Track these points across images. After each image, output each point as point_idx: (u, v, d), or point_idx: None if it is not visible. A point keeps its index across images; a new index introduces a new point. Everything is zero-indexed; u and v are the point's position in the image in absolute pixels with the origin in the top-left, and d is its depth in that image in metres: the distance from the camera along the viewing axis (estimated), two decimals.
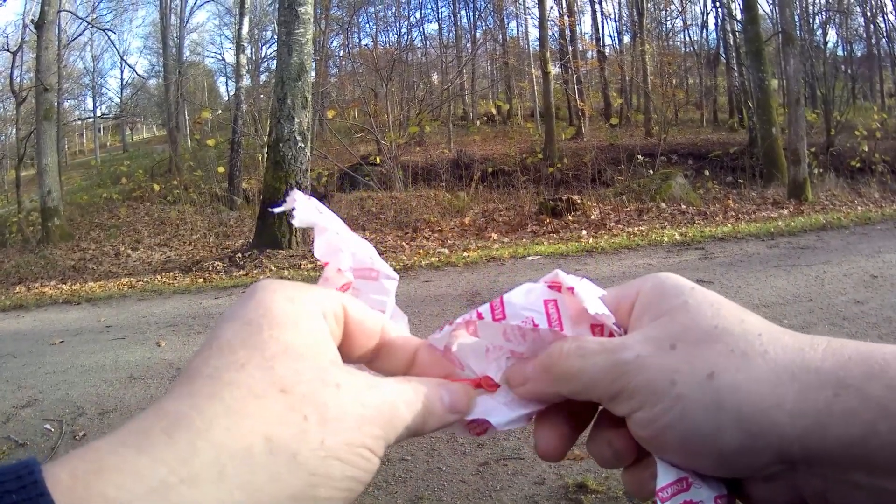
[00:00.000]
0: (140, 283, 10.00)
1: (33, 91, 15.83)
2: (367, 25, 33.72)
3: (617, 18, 32.65)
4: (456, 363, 0.50)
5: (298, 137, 10.24)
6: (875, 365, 0.37)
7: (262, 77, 28.28)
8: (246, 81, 18.50)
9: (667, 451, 0.42)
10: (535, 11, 24.04)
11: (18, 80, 18.94)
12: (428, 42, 34.23)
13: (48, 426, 4.18)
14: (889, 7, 22.59)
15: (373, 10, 31.88)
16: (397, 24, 34.02)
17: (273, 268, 9.77)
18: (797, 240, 7.93)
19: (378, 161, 16.63)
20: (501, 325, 0.49)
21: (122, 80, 39.49)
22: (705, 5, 30.62)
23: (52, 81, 15.32)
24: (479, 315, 0.49)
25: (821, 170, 13.58)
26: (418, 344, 0.49)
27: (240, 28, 17.36)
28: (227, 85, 40.19)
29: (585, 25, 34.20)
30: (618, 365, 0.42)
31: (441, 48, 32.55)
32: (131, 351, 5.75)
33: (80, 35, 27.05)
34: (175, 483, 0.30)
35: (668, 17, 30.53)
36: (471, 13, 33.18)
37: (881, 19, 22.87)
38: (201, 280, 9.58)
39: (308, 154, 10.64)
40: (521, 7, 30.42)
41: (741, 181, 13.78)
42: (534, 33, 37.16)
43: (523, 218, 11.88)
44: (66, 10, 19.19)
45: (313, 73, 15.89)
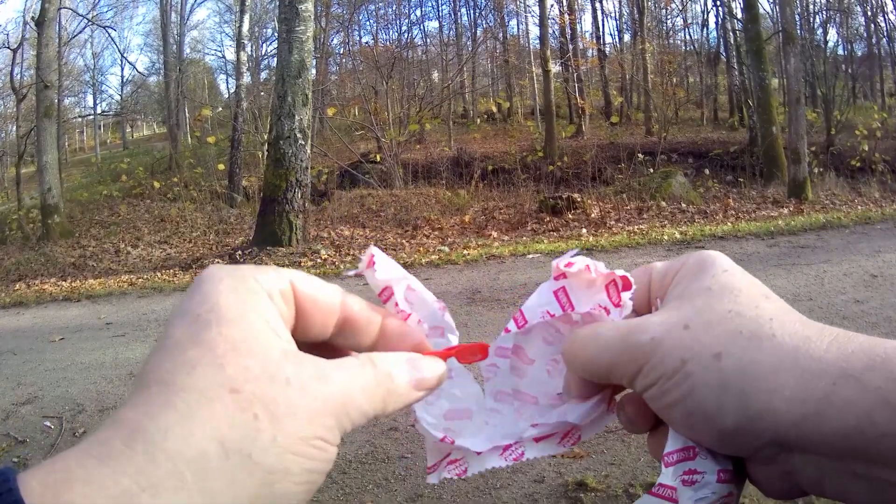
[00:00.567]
0: (140, 280, 9.99)
1: (34, 88, 15.82)
2: (367, 23, 33.64)
3: (617, 16, 32.63)
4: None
5: (299, 135, 10.23)
6: (876, 357, 0.37)
7: (263, 74, 28.34)
8: (246, 79, 18.46)
9: (673, 425, 0.45)
10: (536, 9, 24.10)
11: (19, 77, 18.97)
12: (428, 40, 34.18)
13: (48, 423, 4.18)
14: (889, 6, 22.60)
15: (373, 7, 31.77)
16: (398, 22, 33.98)
17: (274, 265, 9.75)
18: (797, 239, 7.92)
19: (378, 159, 16.62)
20: (539, 334, 0.53)
21: (122, 77, 39.47)
22: (706, 4, 30.61)
23: (53, 79, 15.29)
24: (506, 330, 0.52)
25: (821, 169, 13.57)
26: (384, 315, 0.47)
27: (240, 25, 17.35)
28: (227, 82, 40.15)
29: (586, 23, 34.13)
30: (633, 347, 0.44)
31: (441, 46, 32.53)
32: (131, 348, 5.75)
33: (80, 32, 27.04)
34: (137, 492, 0.31)
35: (669, 16, 30.48)
36: (471, 11, 33.19)
37: (882, 18, 22.85)
38: None
39: (308, 151, 10.63)
40: (522, 5, 30.45)
41: (741, 180, 13.78)
42: (534, 31, 37.12)
43: (523, 216, 11.88)
44: (67, 8, 19.19)
45: (314, 71, 15.89)
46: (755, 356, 0.40)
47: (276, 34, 12.75)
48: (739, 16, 17.68)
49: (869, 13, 23.18)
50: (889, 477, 0.36)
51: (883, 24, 22.89)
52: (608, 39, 32.35)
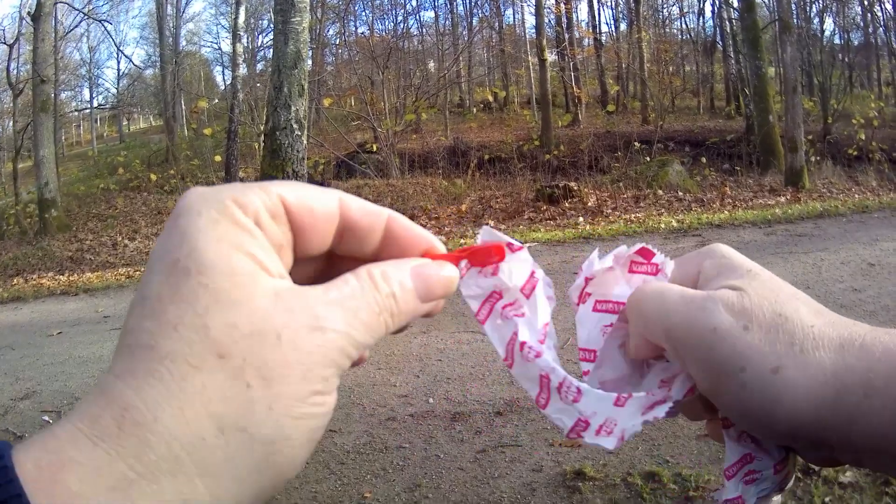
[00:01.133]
0: (138, 273, 9.98)
1: (30, 83, 15.77)
2: (363, 13, 33.42)
3: (613, 5, 32.40)
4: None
5: (295, 126, 10.19)
6: None
7: (259, 66, 28.17)
8: (242, 70, 18.42)
9: (724, 413, 0.46)
10: None
11: (15, 72, 18.93)
12: (424, 30, 34.02)
13: (46, 418, 4.19)
14: None
15: None
16: (393, 12, 33.77)
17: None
18: (794, 227, 7.93)
19: (375, 149, 16.59)
20: (612, 345, 0.52)
21: (118, 70, 39.28)
22: None
23: (49, 73, 15.23)
24: (584, 373, 0.52)
25: (818, 158, 13.56)
26: (388, 217, 0.43)
27: (236, 17, 17.23)
28: (223, 74, 39.92)
29: (582, 13, 34.10)
30: (696, 329, 0.44)
31: (437, 36, 32.30)
32: None
33: (76, 26, 26.93)
34: (135, 478, 0.30)
35: (665, 5, 30.46)
36: (467, 1, 33.05)
37: (878, 8, 22.73)
38: None
39: (305, 142, 10.58)
40: None
41: (738, 168, 13.78)
42: (530, 20, 36.72)
43: (520, 205, 11.88)
44: (63, 2, 19.00)
45: (310, 62, 15.83)
46: (806, 371, 0.41)
47: (272, 25, 12.69)
48: (736, 4, 17.64)
49: (866, 2, 23.11)
50: None
51: (879, 14, 22.79)
52: (604, 28, 32.35)
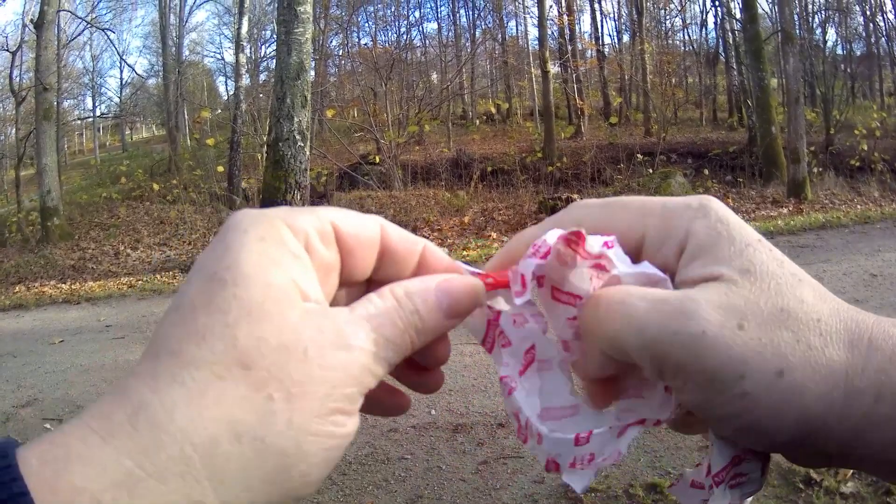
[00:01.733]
0: (140, 282, 10.00)
1: (33, 91, 15.80)
2: (366, 24, 33.58)
3: (616, 17, 32.52)
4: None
5: (298, 137, 10.22)
6: None
7: (262, 76, 28.22)
8: (245, 81, 18.49)
9: (718, 431, 0.41)
10: (535, 10, 23.99)
11: (18, 79, 18.95)
12: (427, 41, 34.16)
13: (48, 426, 4.19)
14: (888, 6, 22.57)
15: (372, 9, 31.76)
16: (396, 24, 33.93)
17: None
18: (797, 238, 7.93)
19: (377, 160, 16.61)
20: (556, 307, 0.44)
21: (121, 79, 39.37)
22: (704, 4, 30.59)
23: (52, 81, 15.29)
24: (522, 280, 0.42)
25: (820, 168, 13.56)
26: (423, 245, 0.43)
27: (239, 27, 17.32)
28: (226, 84, 40.05)
29: (585, 24, 34.12)
30: (679, 338, 0.37)
31: (440, 47, 32.52)
32: (131, 350, 5.75)
33: (79, 35, 26.98)
34: (143, 477, 0.30)
35: (668, 16, 30.50)
36: (470, 12, 33.10)
37: (881, 18, 22.83)
38: None
39: (307, 153, 10.62)
40: (521, 6, 30.40)
41: (741, 180, 13.77)
42: (533, 32, 37.03)
43: (523, 217, 11.88)
44: (66, 10, 19.15)
45: (313, 73, 15.88)
46: (815, 374, 0.36)
47: (275, 36, 12.75)
48: (738, 16, 17.67)
49: (868, 13, 23.21)
50: None
51: (882, 24, 22.90)
52: (607, 40, 32.40)
